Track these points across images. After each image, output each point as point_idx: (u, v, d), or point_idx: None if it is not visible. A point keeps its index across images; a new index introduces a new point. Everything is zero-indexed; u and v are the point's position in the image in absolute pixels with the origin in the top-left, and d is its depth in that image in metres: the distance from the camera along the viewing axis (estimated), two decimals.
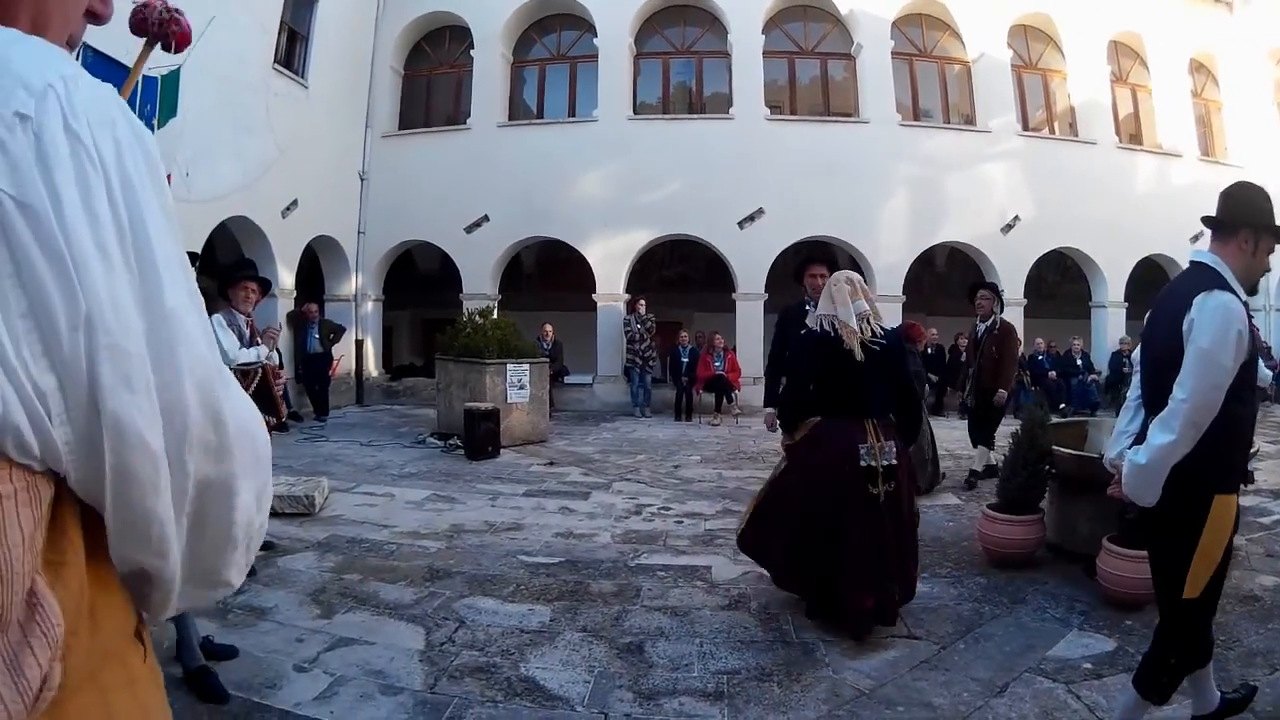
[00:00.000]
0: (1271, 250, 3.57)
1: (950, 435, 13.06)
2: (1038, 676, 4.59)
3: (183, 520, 0.86)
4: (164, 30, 1.51)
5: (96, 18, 1.10)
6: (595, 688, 4.49)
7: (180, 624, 4.48)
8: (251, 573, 6.36)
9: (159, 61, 11.08)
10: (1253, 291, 3.54)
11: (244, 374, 4.82)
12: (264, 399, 4.91)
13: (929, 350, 17.53)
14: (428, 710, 4.21)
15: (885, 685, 4.55)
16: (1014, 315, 18.54)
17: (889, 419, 5.30)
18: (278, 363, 7.48)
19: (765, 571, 5.94)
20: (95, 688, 0.86)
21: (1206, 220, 3.60)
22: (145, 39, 1.51)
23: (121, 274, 0.79)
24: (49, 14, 1.01)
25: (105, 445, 0.78)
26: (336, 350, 17.32)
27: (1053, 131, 20.61)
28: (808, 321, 5.58)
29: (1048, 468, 6.76)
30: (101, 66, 9.87)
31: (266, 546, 7.12)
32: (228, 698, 4.27)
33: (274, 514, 8.13)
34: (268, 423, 5.16)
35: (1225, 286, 3.33)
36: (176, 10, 1.54)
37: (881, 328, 5.31)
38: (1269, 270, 3.71)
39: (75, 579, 0.82)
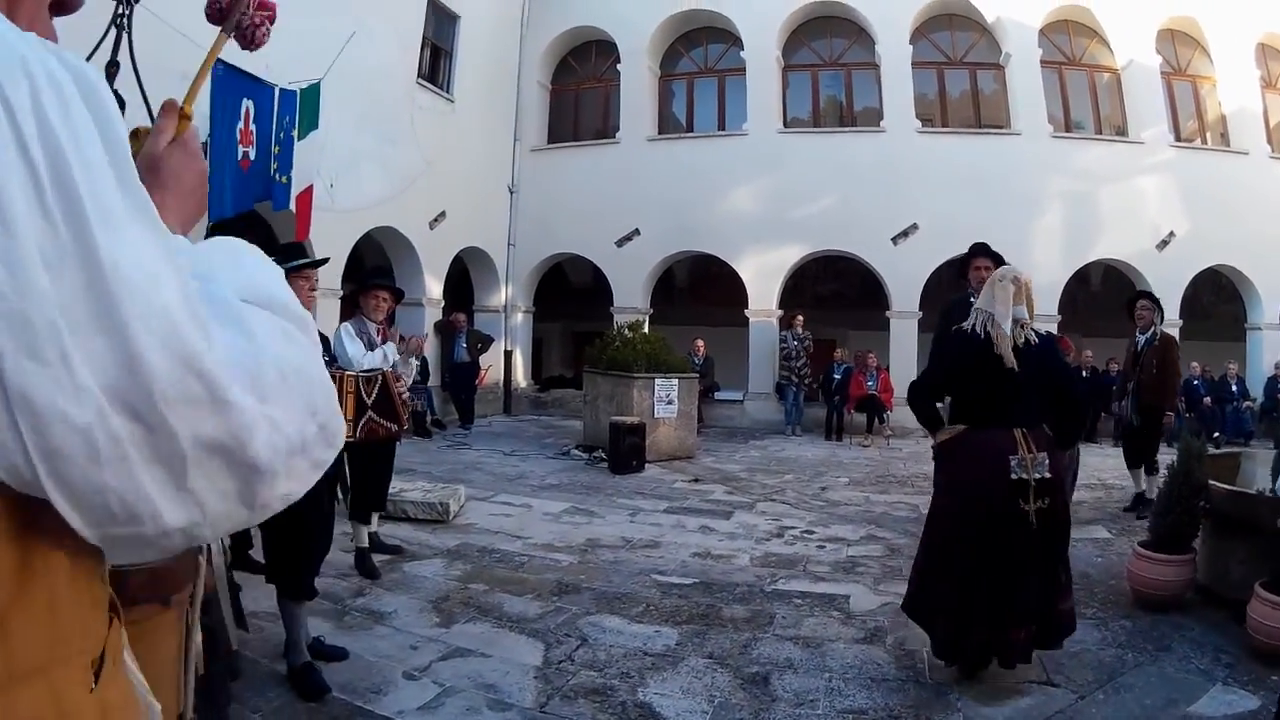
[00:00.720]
0: None
1: (1102, 463, 12.43)
2: None
3: (194, 477, 0.81)
4: (249, 29, 1.49)
5: (63, 7, 1.04)
6: (713, 719, 4.24)
7: (288, 622, 4.46)
8: (375, 576, 6.32)
9: (298, 75, 11.31)
10: None
11: (367, 379, 4.73)
12: (385, 405, 4.81)
13: (1084, 372, 16.64)
14: None
15: None
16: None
17: (1042, 429, 4.74)
18: (415, 371, 7.43)
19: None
20: None
21: None
22: (221, 28, 1.48)
23: (28, 233, 0.71)
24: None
25: (21, 424, 0.72)
26: (484, 360, 17.47)
27: (1204, 141, 19.26)
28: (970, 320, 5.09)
29: (1202, 504, 6.17)
30: (233, 78, 10.06)
31: (395, 550, 7.07)
32: (327, 689, 4.21)
33: (407, 519, 8.14)
34: (390, 430, 5.05)
35: None
36: (263, 6, 1.50)
37: (1036, 333, 4.81)
38: None
39: None
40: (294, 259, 4.75)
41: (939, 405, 5.10)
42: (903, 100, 18.30)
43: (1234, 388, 17.73)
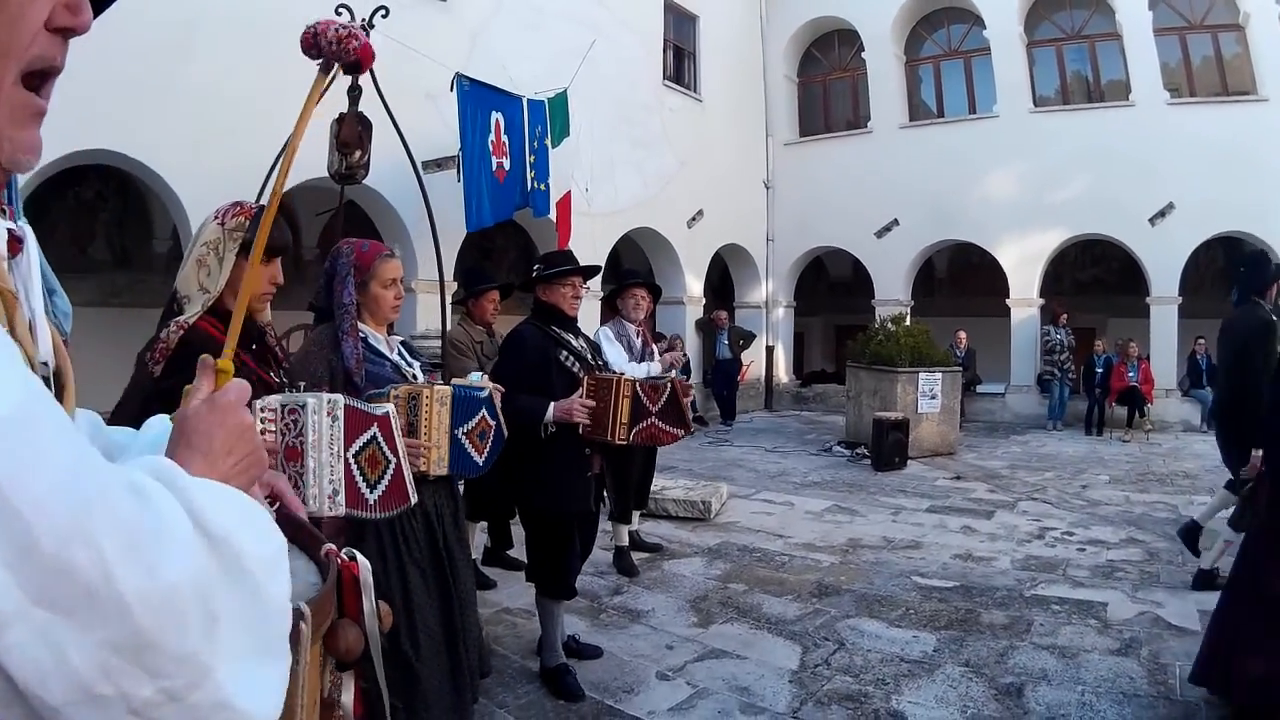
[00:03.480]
0: None
1: None
2: None
3: None
4: (342, 49, 1.38)
5: (70, 30, 0.97)
6: None
7: (546, 620, 4.65)
8: (634, 574, 6.54)
9: (545, 86, 11.73)
10: None
11: (653, 387, 4.90)
12: (673, 413, 4.97)
13: None
14: None
15: None
16: None
17: None
18: (682, 374, 7.61)
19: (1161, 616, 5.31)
20: None
21: None
22: (320, 62, 1.38)
23: None
24: None
25: None
26: (746, 356, 17.64)
27: None
28: None
29: None
30: (479, 92, 10.53)
31: (654, 548, 7.29)
32: (582, 695, 4.39)
33: (668, 517, 8.38)
34: (677, 436, 5.16)
35: None
36: (352, 27, 1.40)
37: None
38: None
39: None
40: (555, 266, 4.99)
41: None
42: (1149, 70, 17.05)
43: None
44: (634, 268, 12.41)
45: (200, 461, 1.04)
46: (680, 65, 17.78)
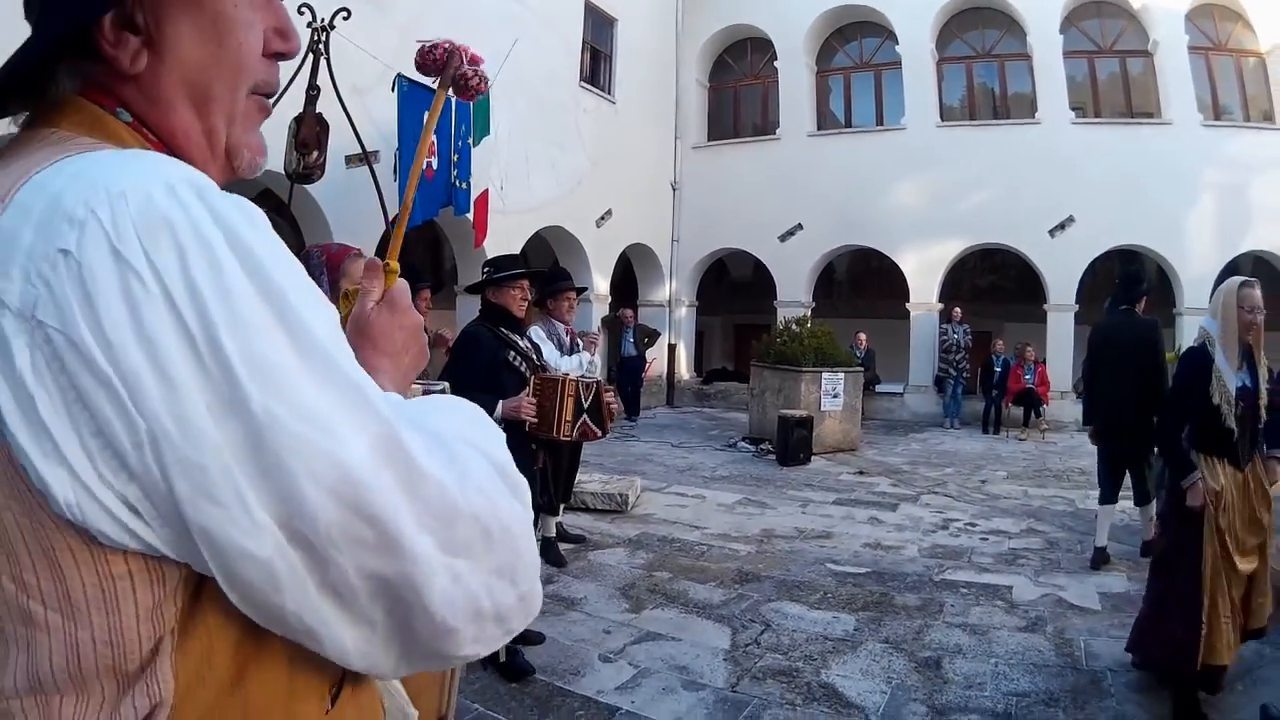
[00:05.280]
0: None
1: None
2: None
3: (366, 603, 0.84)
4: (464, 84, 1.46)
5: (283, 56, 1.07)
6: (891, 699, 4.50)
7: None
8: (562, 564, 6.70)
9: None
10: None
11: (586, 385, 5.06)
12: (597, 411, 5.15)
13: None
14: (727, 708, 4.32)
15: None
16: None
17: None
18: (599, 367, 7.77)
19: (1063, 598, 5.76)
20: None
21: None
22: (439, 81, 1.46)
23: (190, 389, 0.75)
24: (204, 86, 0.98)
25: (204, 554, 0.77)
26: (650, 353, 17.86)
27: None
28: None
29: None
30: (416, 93, 10.59)
31: (578, 540, 7.46)
32: (532, 670, 4.55)
33: (586, 509, 8.53)
34: (598, 435, 5.32)
35: None
36: (474, 60, 1.48)
37: None
38: None
39: (198, 647, 0.83)
40: (505, 269, 5.12)
41: None
42: (1056, 90, 17.94)
43: None
44: (563, 268, 12.60)
45: (385, 361, 1.14)
46: (596, 67, 17.97)
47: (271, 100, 1.10)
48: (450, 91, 1.46)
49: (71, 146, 0.86)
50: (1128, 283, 7.57)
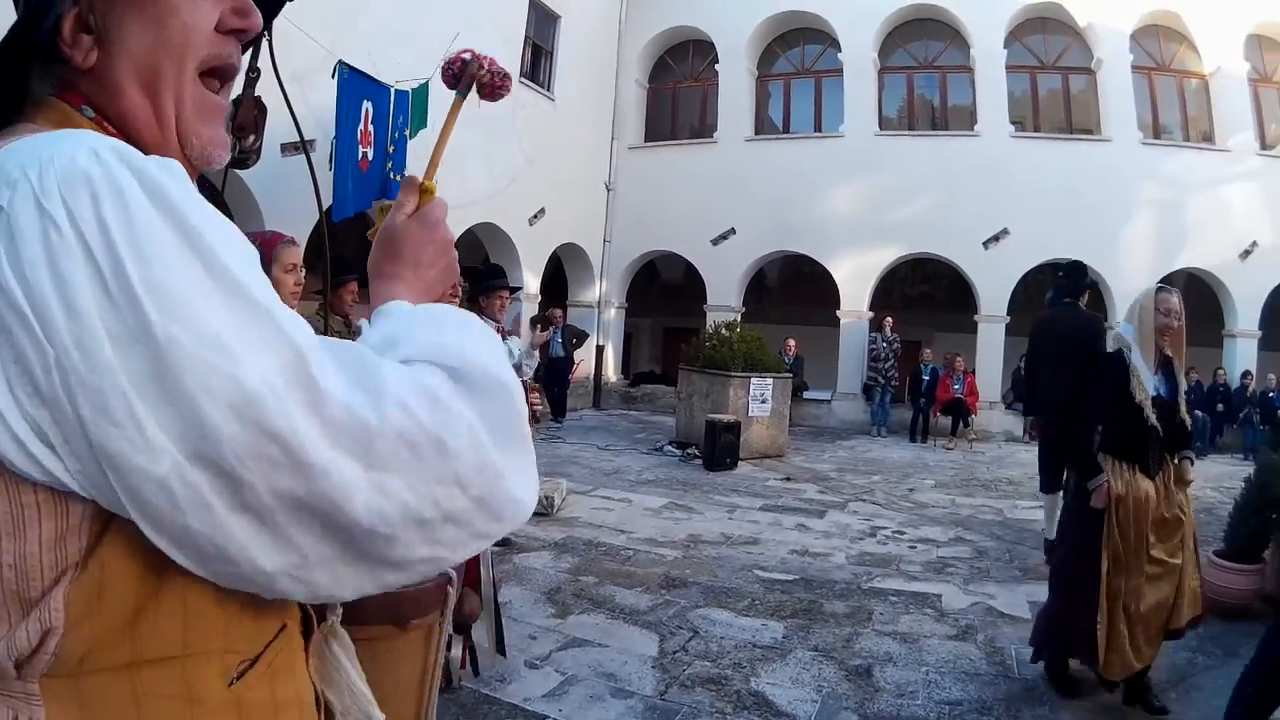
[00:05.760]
0: None
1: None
2: None
3: (286, 524, 0.85)
4: (492, 91, 1.53)
5: (242, 32, 1.10)
6: (822, 707, 4.45)
7: None
8: None
9: (410, 74, 11.64)
10: None
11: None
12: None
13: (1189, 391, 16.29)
14: (657, 716, 4.24)
15: None
16: (1248, 348, 17.53)
17: None
18: (536, 362, 7.66)
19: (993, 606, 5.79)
20: (120, 679, 0.91)
21: None
22: (458, 91, 1.52)
23: (94, 318, 0.80)
24: (151, 68, 1.02)
25: (109, 476, 0.81)
26: (578, 355, 17.75)
27: None
28: None
29: (1275, 515, 6.32)
30: (356, 80, 10.40)
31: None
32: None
33: None
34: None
35: None
36: (501, 72, 1.53)
37: None
38: None
39: (90, 581, 0.86)
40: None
41: None
42: (996, 104, 18.24)
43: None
44: (498, 265, 12.46)
45: (408, 271, 1.20)
46: (538, 63, 17.80)
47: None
48: (475, 93, 1.54)
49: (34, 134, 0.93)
50: (1072, 275, 7.67)
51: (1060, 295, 7.56)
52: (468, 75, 1.49)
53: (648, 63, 21.16)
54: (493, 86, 1.52)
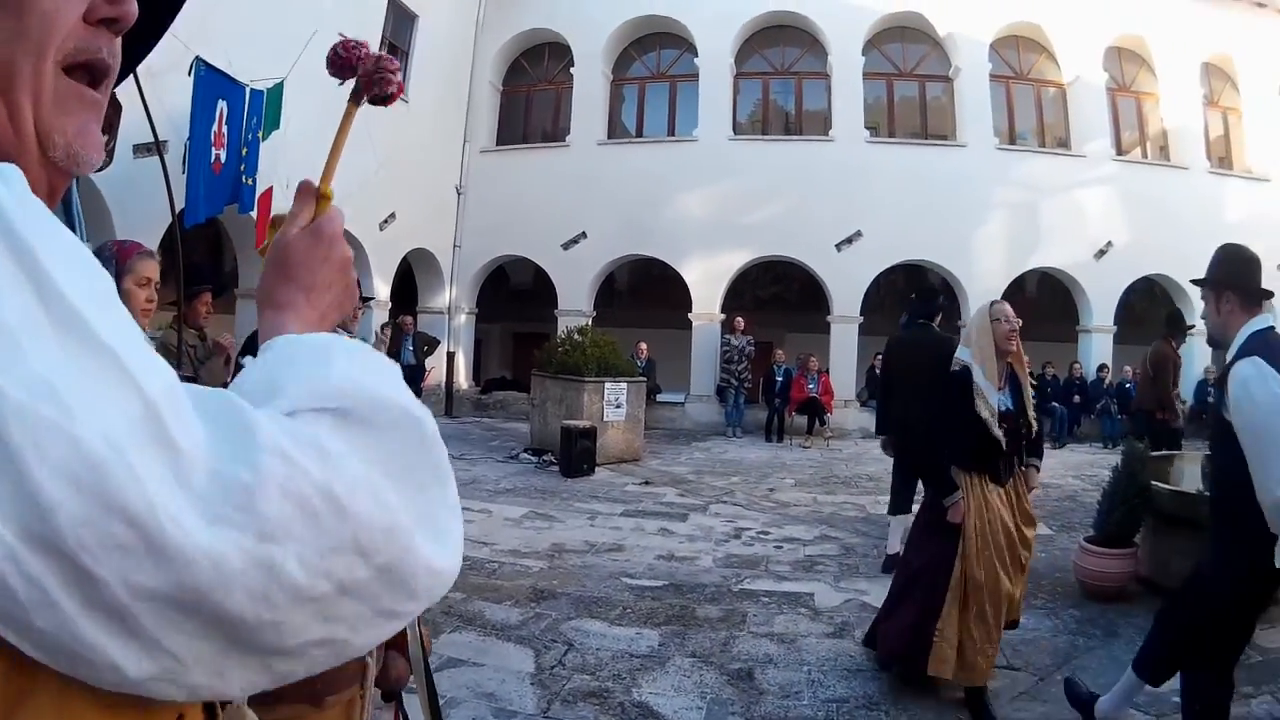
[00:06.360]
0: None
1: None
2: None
3: (152, 628, 0.69)
4: (379, 88, 1.30)
5: (114, 22, 0.92)
6: (709, 714, 4.45)
7: None
8: None
9: (264, 74, 11.26)
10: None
11: None
12: None
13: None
14: None
15: None
16: (1103, 342, 18.49)
17: None
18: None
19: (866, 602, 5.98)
20: None
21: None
22: (353, 95, 1.32)
23: None
24: (5, 63, 0.86)
25: None
26: (429, 362, 17.46)
27: (1145, 155, 20.19)
28: None
29: (1143, 502, 6.73)
30: (213, 79, 10.02)
31: None
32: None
33: None
34: None
35: None
36: (389, 61, 1.31)
37: None
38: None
39: None
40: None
41: None
42: (852, 110, 18.76)
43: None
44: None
45: (300, 296, 1.06)
46: None
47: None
48: (366, 100, 1.32)
49: None
50: (924, 298, 7.93)
51: (914, 317, 7.77)
52: (365, 74, 1.30)
53: (503, 65, 21.00)
54: (393, 96, 1.34)
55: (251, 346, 1.10)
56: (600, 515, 9.49)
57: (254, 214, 11.37)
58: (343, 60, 1.28)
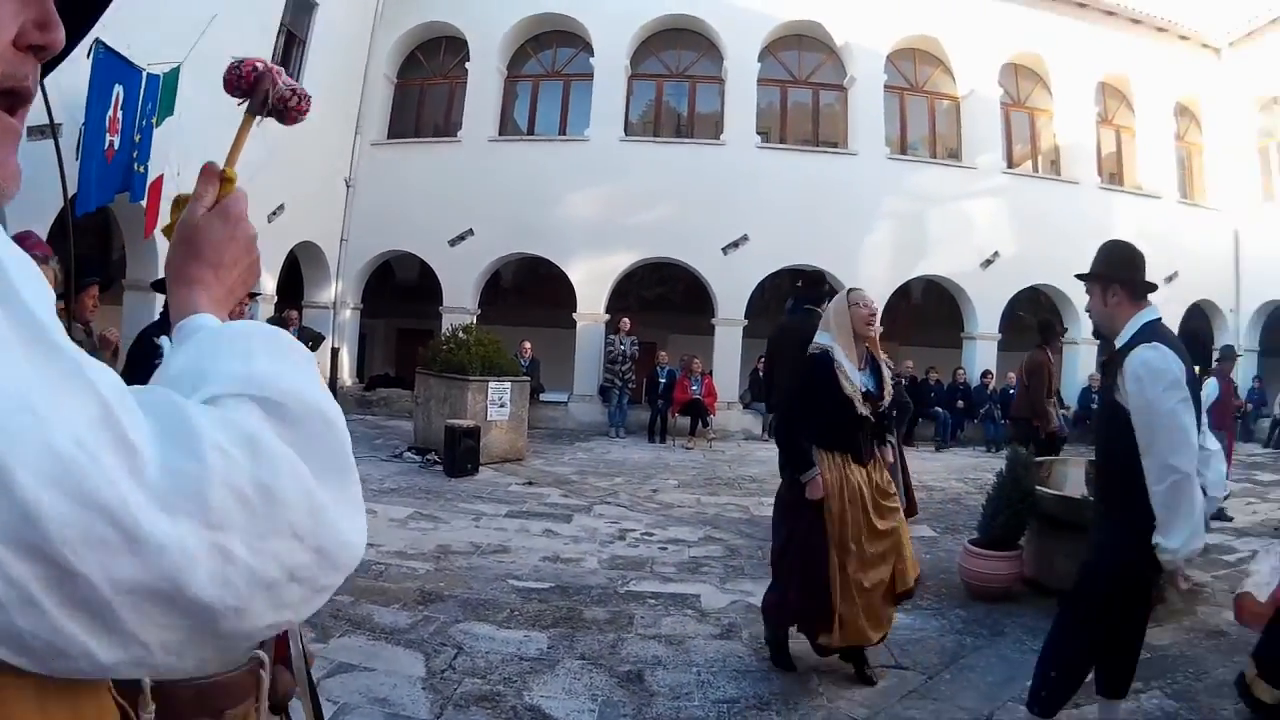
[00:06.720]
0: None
1: (921, 466, 13.39)
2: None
3: (128, 618, 0.73)
4: (284, 107, 1.38)
5: (41, 50, 0.91)
6: (601, 717, 4.52)
7: None
8: None
9: (159, 58, 10.98)
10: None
11: None
12: None
13: (903, 380, 17.55)
14: None
15: (878, 714, 4.70)
16: (988, 349, 19.05)
17: None
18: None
19: (752, 604, 6.14)
20: None
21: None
22: (248, 105, 1.37)
23: None
24: None
25: None
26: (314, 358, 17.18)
27: (1036, 169, 21.07)
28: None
29: (1027, 506, 6.99)
30: (111, 61, 9.78)
31: None
32: None
33: None
34: None
35: None
36: (295, 88, 1.38)
37: None
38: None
39: None
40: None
41: None
42: (745, 115, 19.08)
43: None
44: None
45: (209, 273, 1.11)
46: (290, 53, 17.11)
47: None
48: (265, 117, 1.40)
49: None
50: (810, 284, 8.24)
51: (800, 304, 8.01)
52: (260, 93, 1.36)
53: (399, 57, 20.77)
54: (298, 111, 1.43)
55: (165, 325, 1.16)
56: (485, 516, 9.47)
57: (144, 203, 11.11)
58: (233, 82, 1.37)
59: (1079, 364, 19.75)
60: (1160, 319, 3.93)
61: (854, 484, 4.87)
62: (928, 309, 22.30)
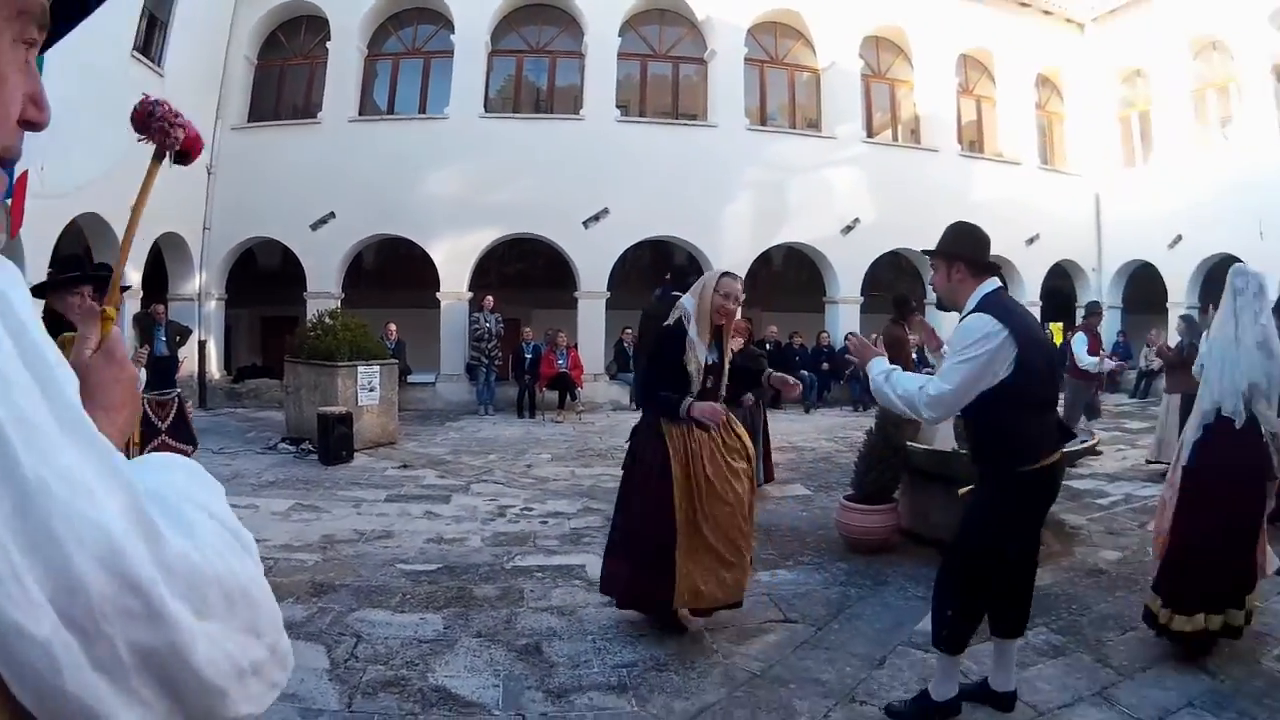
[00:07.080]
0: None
1: (790, 428, 13.97)
2: (910, 649, 5.11)
3: (136, 682, 0.78)
4: (166, 137, 1.42)
5: (34, 125, 1.00)
6: (506, 691, 4.66)
7: None
8: None
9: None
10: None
11: (160, 403, 4.71)
12: (181, 429, 4.86)
13: (767, 345, 18.11)
14: None
15: (774, 666, 4.97)
16: (850, 313, 19.74)
17: None
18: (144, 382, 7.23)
19: None
20: None
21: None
22: (154, 153, 1.44)
23: None
24: None
25: None
26: (182, 353, 16.84)
27: (896, 138, 21.86)
28: None
29: (897, 460, 7.41)
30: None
31: None
32: None
33: None
34: (188, 453, 5.03)
35: None
36: (177, 116, 1.43)
37: None
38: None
39: None
40: (66, 271, 4.74)
41: None
42: (604, 89, 19.23)
43: (915, 358, 19.76)
44: (76, 254, 11.61)
45: (102, 416, 1.07)
46: (152, 36, 16.49)
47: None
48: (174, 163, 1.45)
49: None
50: (678, 275, 8.70)
51: (667, 291, 8.40)
52: (157, 132, 1.42)
53: (259, 38, 20.19)
54: (194, 153, 1.47)
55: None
56: (365, 502, 9.52)
57: (8, 202, 10.77)
58: (137, 119, 1.43)
59: (943, 328, 20.44)
60: (1001, 288, 4.23)
61: (697, 453, 5.19)
62: (789, 275, 22.94)
